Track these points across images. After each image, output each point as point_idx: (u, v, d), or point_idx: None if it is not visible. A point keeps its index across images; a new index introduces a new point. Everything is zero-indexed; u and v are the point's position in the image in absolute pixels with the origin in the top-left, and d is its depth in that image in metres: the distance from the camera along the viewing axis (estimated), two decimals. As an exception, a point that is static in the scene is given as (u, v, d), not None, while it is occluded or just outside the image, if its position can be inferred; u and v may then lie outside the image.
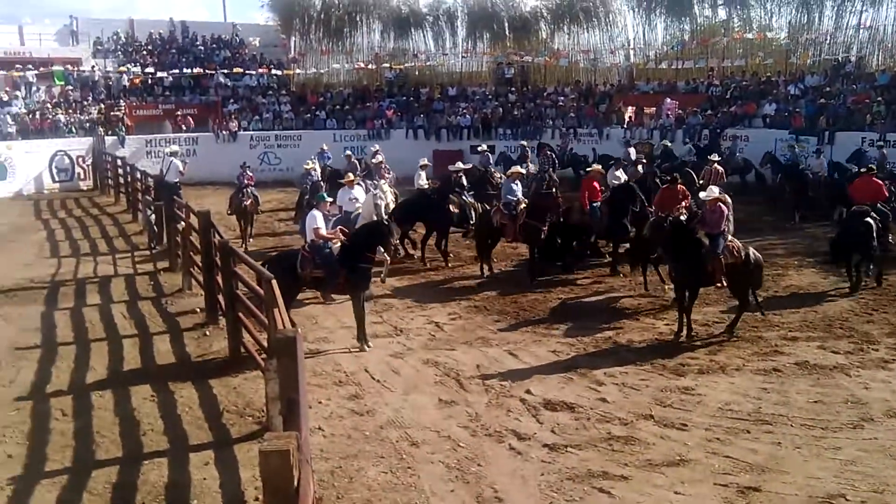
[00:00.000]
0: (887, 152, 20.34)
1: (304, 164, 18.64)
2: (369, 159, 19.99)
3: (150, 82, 31.31)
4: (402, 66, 34.58)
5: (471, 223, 15.45)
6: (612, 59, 34.74)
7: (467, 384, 9.07)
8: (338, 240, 10.77)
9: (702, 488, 6.66)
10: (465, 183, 16.41)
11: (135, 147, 27.59)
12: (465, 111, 31.08)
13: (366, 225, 11.74)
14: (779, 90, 28.21)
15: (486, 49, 35.61)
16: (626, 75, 34.27)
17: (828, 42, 30.34)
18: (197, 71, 31.75)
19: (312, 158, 19.81)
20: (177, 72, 31.66)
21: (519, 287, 13.49)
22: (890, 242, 13.47)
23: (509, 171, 15.34)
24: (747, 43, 32.42)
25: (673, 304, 11.49)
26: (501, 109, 31.31)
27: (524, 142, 24.69)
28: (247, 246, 16.48)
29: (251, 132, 29.73)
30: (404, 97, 32.84)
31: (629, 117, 30.42)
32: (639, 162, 17.39)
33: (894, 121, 23.10)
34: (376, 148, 21.17)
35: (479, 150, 22.26)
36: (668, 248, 10.92)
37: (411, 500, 6.53)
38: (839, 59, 28.91)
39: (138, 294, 13.25)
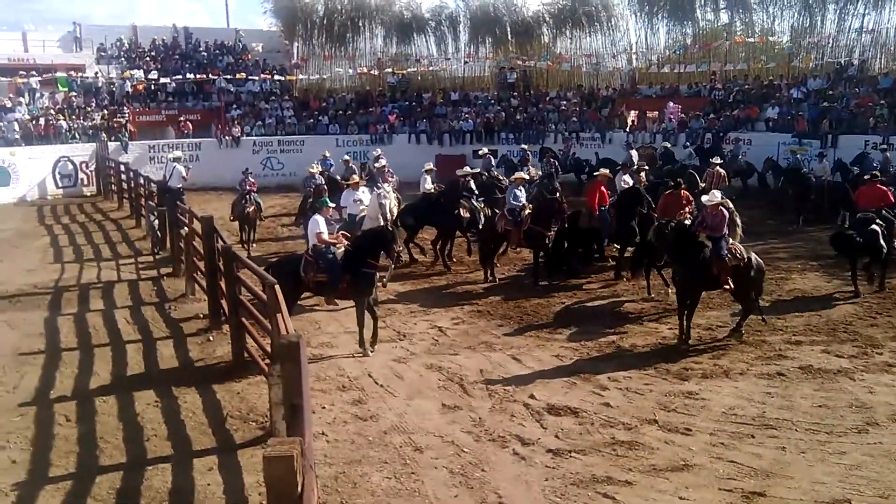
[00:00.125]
0: (891, 155, 20.30)
1: (308, 168, 18.66)
2: (372, 164, 20.00)
3: (153, 88, 31.39)
4: (404, 71, 34.61)
5: (480, 228, 15.46)
6: (615, 64, 34.76)
7: (471, 389, 9.06)
8: (341, 244, 10.78)
9: (706, 493, 6.64)
10: (474, 187, 16.44)
11: (138, 153, 27.64)
12: (468, 116, 31.12)
13: (370, 230, 11.74)
14: (781, 94, 28.22)
15: (488, 54, 35.64)
16: (629, 79, 34.26)
17: (830, 45, 30.34)
18: (200, 77, 31.80)
19: (316, 163, 19.84)
20: (180, 78, 31.73)
21: (522, 292, 13.49)
22: (894, 248, 13.48)
23: (513, 177, 15.32)
24: (750, 46, 32.44)
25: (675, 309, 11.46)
26: (504, 114, 31.35)
27: (525, 145, 24.69)
28: (250, 251, 16.50)
29: (254, 137, 29.80)
30: (407, 102, 32.91)
31: (632, 121, 30.46)
32: (641, 169, 17.38)
33: (897, 124, 23.12)
34: (379, 152, 21.17)
35: (481, 153, 22.26)
36: (672, 253, 10.95)
37: (415, 506, 6.53)
38: (842, 63, 28.91)
39: (142, 299, 13.26)
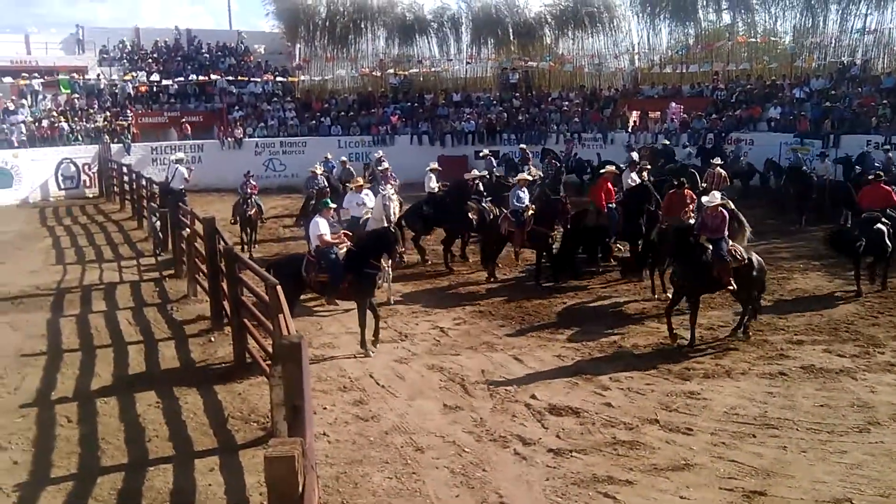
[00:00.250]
0: (893, 156, 20.28)
1: (311, 169, 18.65)
2: (374, 166, 20.02)
3: (155, 90, 31.44)
4: (406, 73, 34.63)
5: (482, 228, 15.48)
6: (617, 64, 34.74)
7: (472, 389, 9.07)
8: (343, 244, 10.79)
9: (707, 493, 6.64)
10: (483, 189, 16.47)
11: (140, 154, 27.66)
12: (470, 117, 31.16)
13: (373, 230, 11.77)
14: (784, 94, 28.20)
15: (490, 55, 35.63)
16: (631, 80, 34.26)
17: (833, 45, 30.30)
18: (202, 78, 31.84)
19: (318, 164, 19.85)
20: (182, 79, 31.78)
21: (524, 292, 13.49)
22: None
23: (516, 178, 15.34)
24: (752, 46, 32.41)
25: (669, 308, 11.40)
26: (506, 115, 31.40)
27: (523, 145, 24.69)
28: (251, 254, 16.51)
29: (256, 139, 29.85)
30: (409, 103, 32.93)
31: (634, 122, 30.44)
32: (643, 168, 17.38)
33: (900, 124, 23.09)
34: (380, 154, 21.20)
35: (482, 154, 22.29)
36: (673, 255, 10.92)
37: (416, 506, 6.53)
38: (844, 63, 28.88)
39: (143, 300, 13.28)
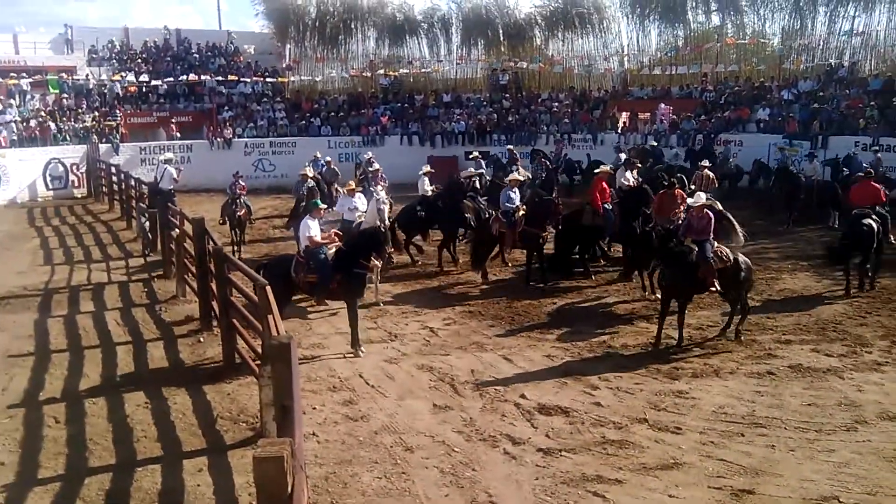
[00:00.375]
0: (882, 157, 20.43)
1: (300, 171, 18.61)
2: (365, 166, 20.02)
3: (144, 90, 31.30)
4: (396, 73, 34.58)
5: (473, 228, 15.49)
6: (607, 65, 34.82)
7: (462, 389, 9.07)
8: (333, 243, 10.78)
9: (696, 491, 6.66)
10: (479, 186, 16.47)
11: (129, 154, 27.50)
12: (460, 117, 31.17)
13: (362, 231, 11.77)
14: (772, 95, 28.36)
15: (480, 56, 35.65)
16: (621, 81, 34.34)
17: (821, 47, 30.50)
18: (192, 78, 31.74)
19: (308, 164, 19.81)
20: (171, 79, 31.66)
21: (513, 292, 13.50)
22: (891, 243, 13.58)
23: (507, 179, 15.35)
24: (741, 48, 32.58)
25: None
26: (496, 115, 31.43)
27: (511, 146, 24.72)
28: (240, 254, 16.45)
29: (246, 139, 29.75)
30: (399, 104, 32.90)
31: (623, 123, 30.52)
32: (634, 167, 17.44)
33: (887, 125, 23.23)
34: (370, 155, 21.20)
35: (472, 156, 22.31)
36: (659, 257, 10.92)
37: (405, 506, 6.53)
38: (832, 65, 29.05)
39: (132, 301, 13.22)
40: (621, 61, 35.04)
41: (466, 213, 15.35)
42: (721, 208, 12.73)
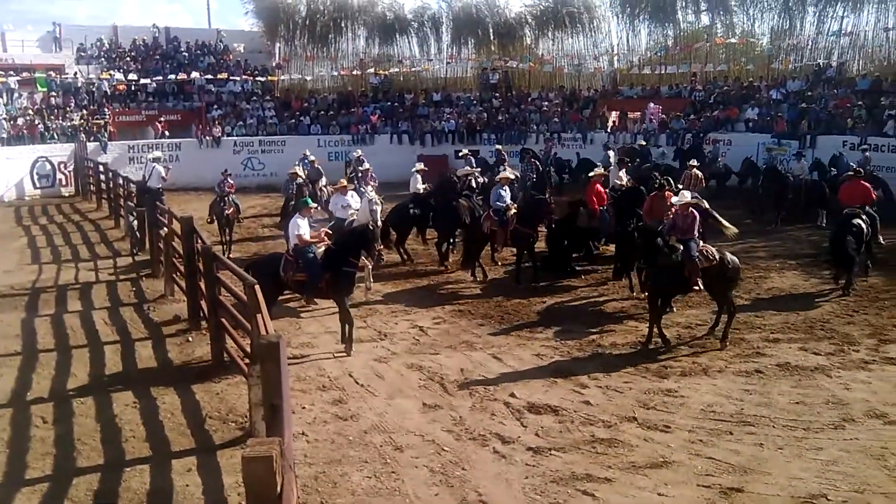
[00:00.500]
0: (870, 156, 20.54)
1: (290, 170, 18.56)
2: (355, 165, 19.98)
3: (133, 88, 31.15)
4: (386, 72, 34.53)
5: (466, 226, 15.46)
6: (596, 65, 34.95)
7: (451, 388, 9.07)
8: (322, 242, 10.76)
9: (685, 490, 6.68)
10: (475, 185, 16.44)
11: (117, 153, 27.35)
12: (450, 116, 31.17)
13: (351, 229, 11.76)
14: (761, 95, 28.47)
15: (470, 55, 35.68)
16: (610, 80, 34.43)
17: (809, 47, 30.64)
18: (181, 77, 31.61)
19: (297, 163, 19.76)
20: (160, 78, 31.52)
21: (503, 291, 13.50)
22: (880, 243, 13.63)
23: (498, 177, 15.31)
24: (730, 48, 32.72)
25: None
26: (486, 115, 31.44)
27: (499, 145, 24.73)
28: (229, 253, 16.39)
29: (235, 138, 29.61)
30: (389, 102, 32.86)
31: (613, 122, 30.64)
32: (626, 165, 17.47)
33: (875, 125, 23.37)
34: (359, 153, 21.16)
35: (461, 154, 22.32)
36: (642, 257, 10.85)
37: (395, 505, 6.52)
38: (820, 65, 29.18)
39: (120, 300, 13.15)
40: (611, 60, 35.15)
41: (461, 213, 15.28)
42: (707, 206, 12.77)
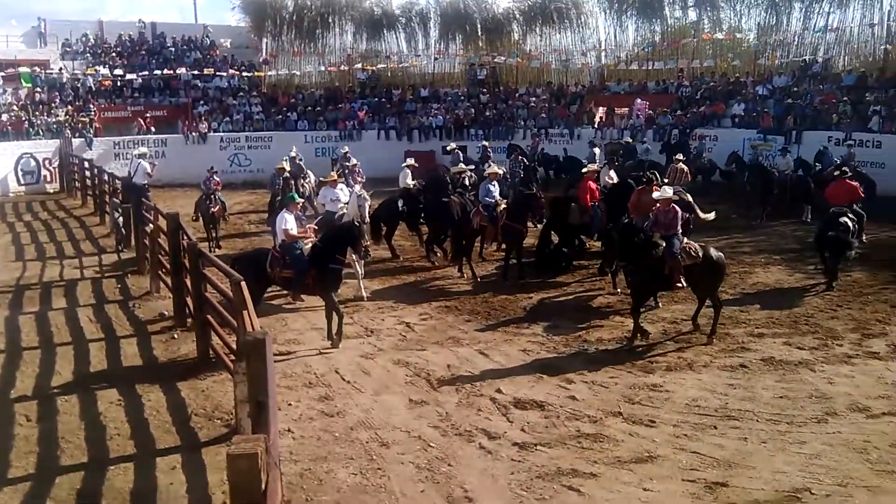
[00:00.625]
0: (854, 151, 20.67)
1: (277, 165, 18.44)
2: (342, 161, 19.93)
3: (119, 84, 30.95)
4: (374, 68, 34.46)
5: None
6: (584, 60, 34.89)
7: (438, 384, 9.07)
8: (309, 239, 10.74)
9: (670, 484, 6.71)
10: (468, 183, 16.43)
11: (103, 149, 27.18)
12: (437, 112, 31.13)
13: (338, 226, 11.74)
14: (747, 90, 28.59)
15: (458, 50, 35.62)
16: (598, 76, 34.47)
17: (795, 43, 30.75)
18: (167, 72, 31.42)
19: (284, 159, 19.66)
20: (146, 73, 31.33)
21: (490, 287, 13.51)
22: (863, 242, 13.71)
23: (486, 172, 15.28)
24: (717, 44, 32.78)
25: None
26: (473, 110, 31.42)
27: (485, 142, 24.70)
28: (217, 250, 16.30)
29: (221, 133, 29.45)
30: (376, 98, 32.76)
31: (600, 118, 30.71)
32: (611, 163, 17.49)
33: (860, 120, 23.51)
34: (346, 150, 21.11)
35: (449, 149, 22.29)
36: (621, 254, 10.76)
37: (381, 502, 6.51)
38: (806, 60, 29.31)
39: (105, 297, 13.07)
40: (598, 56, 35.19)
41: (453, 208, 15.18)
42: (691, 200, 12.78)
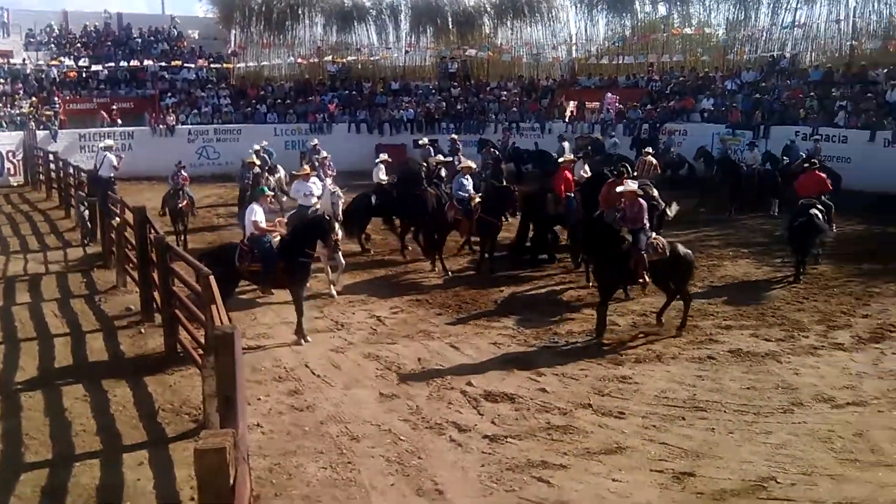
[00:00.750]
0: (821, 146, 20.97)
1: (248, 159, 18.25)
2: (311, 154, 19.78)
3: (84, 76, 30.46)
4: (344, 60, 34.26)
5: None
6: (555, 54, 35.05)
7: (408, 377, 9.06)
8: (277, 233, 10.66)
9: (638, 475, 6.77)
10: (444, 175, 16.39)
11: (67, 141, 26.68)
12: (408, 105, 31.06)
13: (307, 219, 11.66)
14: (716, 85, 28.90)
15: (429, 43, 35.53)
16: (569, 70, 34.64)
17: (764, 39, 31.08)
18: (133, 64, 30.97)
19: (251, 152, 19.46)
20: (112, 65, 30.86)
21: (462, 281, 13.51)
22: (831, 231, 13.91)
23: (459, 166, 15.24)
24: (686, 39, 33.05)
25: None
26: (445, 104, 31.40)
27: (455, 135, 24.66)
28: (185, 245, 16.09)
29: (189, 126, 29.09)
30: (347, 91, 32.63)
31: (571, 112, 30.80)
32: (585, 157, 17.56)
33: (826, 115, 23.86)
34: (315, 142, 20.95)
35: (420, 143, 22.23)
36: (586, 248, 10.76)
37: (351, 496, 6.48)
38: (774, 56, 29.68)
39: (71, 292, 12.87)
40: (569, 50, 35.36)
41: (428, 201, 15.07)
42: (656, 194, 12.84)
